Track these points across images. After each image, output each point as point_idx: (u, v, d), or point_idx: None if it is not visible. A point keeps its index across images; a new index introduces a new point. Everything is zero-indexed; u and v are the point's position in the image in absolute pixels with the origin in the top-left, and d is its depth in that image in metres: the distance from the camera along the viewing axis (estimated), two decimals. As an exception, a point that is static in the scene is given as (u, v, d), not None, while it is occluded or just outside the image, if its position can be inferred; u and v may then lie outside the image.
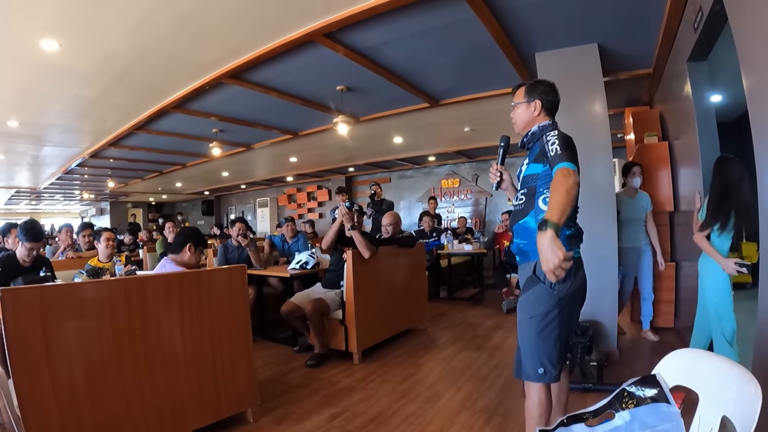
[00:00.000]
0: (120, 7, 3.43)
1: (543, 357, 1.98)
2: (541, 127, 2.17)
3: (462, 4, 3.38)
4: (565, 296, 1.98)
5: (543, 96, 2.19)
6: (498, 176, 2.36)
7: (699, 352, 1.46)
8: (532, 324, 2.00)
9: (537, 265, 1.99)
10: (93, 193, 15.52)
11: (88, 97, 5.42)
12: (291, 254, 5.94)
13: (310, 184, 15.19)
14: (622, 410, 1.39)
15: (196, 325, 2.78)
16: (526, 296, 2.05)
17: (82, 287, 2.43)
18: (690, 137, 3.90)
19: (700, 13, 3.00)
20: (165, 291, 2.66)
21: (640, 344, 4.52)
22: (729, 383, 1.28)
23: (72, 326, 2.28)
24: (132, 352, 2.48)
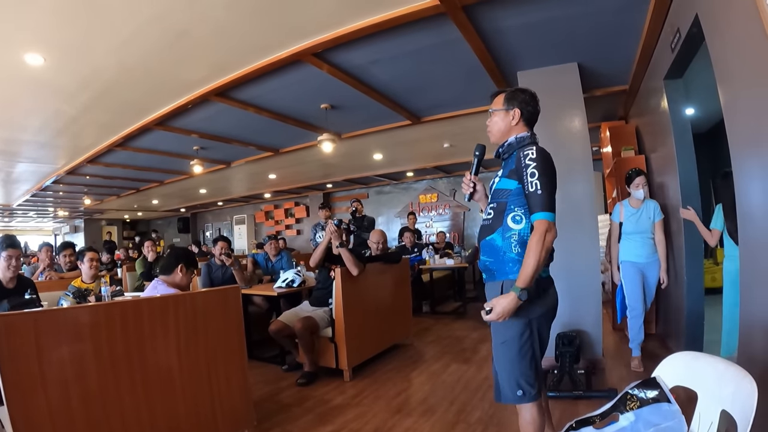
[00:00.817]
0: (109, 23, 3.43)
1: (520, 379, 1.93)
2: (519, 138, 2.07)
3: (449, 25, 3.49)
4: (536, 317, 1.94)
5: (523, 105, 2.10)
6: (471, 187, 2.24)
7: (694, 354, 1.55)
8: (506, 348, 1.96)
9: (503, 286, 1.96)
10: (67, 211, 15.21)
11: (69, 113, 5.36)
12: (275, 272, 5.95)
13: (287, 200, 15.15)
14: (627, 412, 1.47)
15: (192, 348, 2.77)
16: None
17: (77, 312, 2.42)
18: (667, 150, 4.07)
19: (677, 34, 3.16)
20: (161, 314, 2.65)
21: (624, 351, 4.62)
22: (725, 381, 1.38)
23: (67, 351, 2.25)
24: (129, 376, 2.46)
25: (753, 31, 1.91)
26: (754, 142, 2.22)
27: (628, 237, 4.16)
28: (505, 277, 1.96)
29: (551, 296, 2.02)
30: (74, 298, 3.85)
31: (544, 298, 1.96)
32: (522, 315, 1.90)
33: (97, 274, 4.38)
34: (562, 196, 4.13)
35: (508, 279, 1.95)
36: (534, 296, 1.88)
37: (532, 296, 1.86)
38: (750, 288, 2.42)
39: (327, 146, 6.03)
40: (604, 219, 6.73)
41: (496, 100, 2.17)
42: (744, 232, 2.44)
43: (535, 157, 1.92)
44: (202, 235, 18.10)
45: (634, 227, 4.11)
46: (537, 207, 1.86)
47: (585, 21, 3.64)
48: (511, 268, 1.94)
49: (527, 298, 1.83)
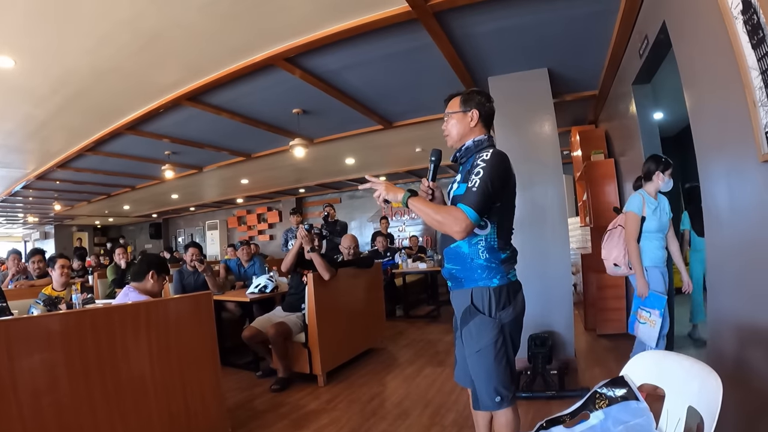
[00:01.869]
0: (80, 26, 3.38)
1: (498, 386, 1.90)
2: (477, 141, 2.03)
3: (421, 31, 3.52)
4: (508, 322, 1.90)
5: (480, 106, 2.04)
6: (429, 194, 2.13)
7: (662, 353, 1.59)
8: (481, 357, 1.92)
9: (473, 294, 1.93)
10: (38, 216, 14.89)
11: (39, 117, 5.26)
12: (247, 278, 5.90)
13: (260, 205, 15.08)
14: (596, 410, 1.49)
15: (164, 355, 2.73)
16: (468, 329, 1.94)
17: (48, 320, 2.37)
18: (635, 153, 4.16)
19: (645, 40, 3.24)
20: (132, 321, 2.61)
21: (596, 351, 4.70)
22: (691, 377, 1.42)
23: (39, 360, 2.20)
24: (101, 384, 2.41)
25: (718, 38, 1.97)
26: (718, 145, 2.29)
27: (650, 236, 3.34)
28: (474, 284, 1.94)
29: (520, 301, 1.97)
30: (45, 306, 3.75)
31: (514, 303, 1.92)
32: (494, 322, 1.89)
33: (68, 281, 4.28)
34: (533, 200, 4.24)
35: (477, 286, 1.93)
36: (504, 302, 1.89)
37: (502, 302, 1.89)
38: (717, 287, 2.49)
39: (299, 151, 6.01)
40: (575, 222, 6.86)
41: (452, 102, 2.12)
42: (710, 233, 2.51)
43: (488, 158, 1.85)
44: (174, 241, 17.86)
45: (657, 224, 3.32)
46: (466, 199, 1.77)
47: (555, 28, 3.71)
48: (480, 275, 1.92)
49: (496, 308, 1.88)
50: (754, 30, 1.66)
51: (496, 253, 1.92)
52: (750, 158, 1.85)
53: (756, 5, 1.61)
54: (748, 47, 1.71)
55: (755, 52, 1.67)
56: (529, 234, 4.23)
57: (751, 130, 1.77)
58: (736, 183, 2.12)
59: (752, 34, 1.68)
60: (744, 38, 1.73)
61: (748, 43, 1.71)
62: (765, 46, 1.60)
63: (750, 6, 1.66)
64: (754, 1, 1.62)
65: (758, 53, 1.66)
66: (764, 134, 1.69)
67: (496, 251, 1.92)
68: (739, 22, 1.75)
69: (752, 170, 1.87)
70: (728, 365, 2.30)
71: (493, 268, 1.91)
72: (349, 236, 5.30)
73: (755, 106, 1.72)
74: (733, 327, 2.25)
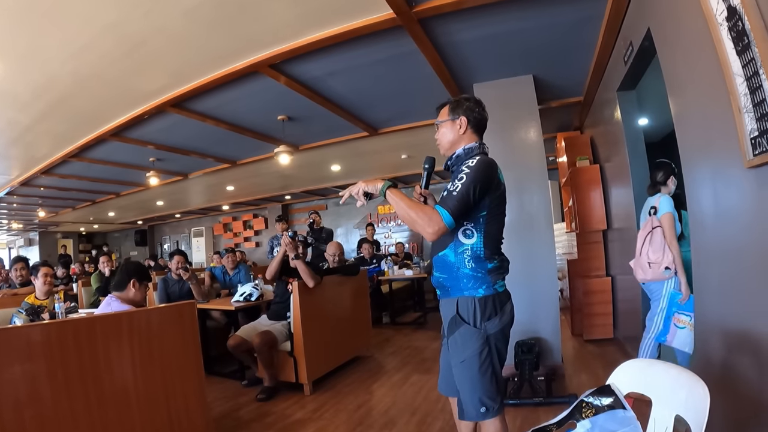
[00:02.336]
0: (64, 33, 3.34)
1: (483, 396, 1.88)
2: (467, 149, 2.01)
3: (406, 38, 3.51)
4: (493, 333, 1.88)
5: (469, 112, 2.04)
6: (422, 201, 2.12)
7: (648, 361, 1.58)
8: (465, 367, 1.90)
9: (459, 303, 1.92)
10: (22, 223, 14.68)
11: (23, 123, 5.18)
12: (233, 286, 5.87)
13: (246, 212, 14.97)
14: (582, 419, 1.48)
15: (147, 365, 2.68)
16: (454, 339, 1.93)
17: (29, 330, 2.31)
18: (620, 159, 4.18)
19: (630, 47, 3.26)
20: (115, 331, 2.55)
21: (583, 357, 4.70)
22: (679, 386, 1.41)
23: (20, 371, 2.14)
24: (84, 395, 2.35)
25: (703, 45, 1.98)
26: (703, 151, 2.30)
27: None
28: (460, 293, 1.92)
29: (507, 312, 1.94)
30: (27, 316, 3.70)
31: (501, 314, 1.90)
32: (480, 332, 1.87)
33: (51, 290, 4.23)
34: (519, 206, 4.24)
35: (463, 296, 1.91)
36: (490, 312, 1.88)
37: (487, 313, 1.87)
38: (703, 293, 2.50)
39: (284, 158, 5.97)
40: (560, 227, 6.89)
41: (442, 111, 2.13)
42: (696, 238, 2.52)
43: (473, 165, 1.85)
44: (160, 248, 17.69)
45: (679, 227, 3.28)
46: (444, 202, 1.80)
47: (540, 35, 3.72)
48: (466, 284, 1.90)
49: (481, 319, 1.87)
50: (738, 37, 1.66)
51: (483, 262, 1.89)
52: (735, 164, 1.85)
53: (741, 12, 1.61)
54: (733, 54, 1.71)
55: (740, 58, 1.67)
56: (515, 240, 4.20)
57: (736, 136, 1.77)
58: (722, 189, 2.13)
59: (737, 41, 1.67)
60: (729, 45, 1.73)
61: (732, 50, 1.71)
62: (750, 52, 1.60)
63: (735, 13, 1.66)
64: (739, 8, 1.62)
65: (743, 60, 1.65)
66: (749, 140, 1.69)
67: (483, 261, 1.89)
68: (723, 28, 1.75)
69: (737, 176, 1.88)
70: (714, 371, 2.30)
71: (479, 278, 1.89)
72: (334, 243, 5.28)
73: (740, 113, 1.72)
74: (719, 333, 2.26)
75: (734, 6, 1.66)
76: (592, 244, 5.36)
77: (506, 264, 1.99)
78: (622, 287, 4.83)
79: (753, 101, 1.63)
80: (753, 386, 1.94)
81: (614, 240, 5.02)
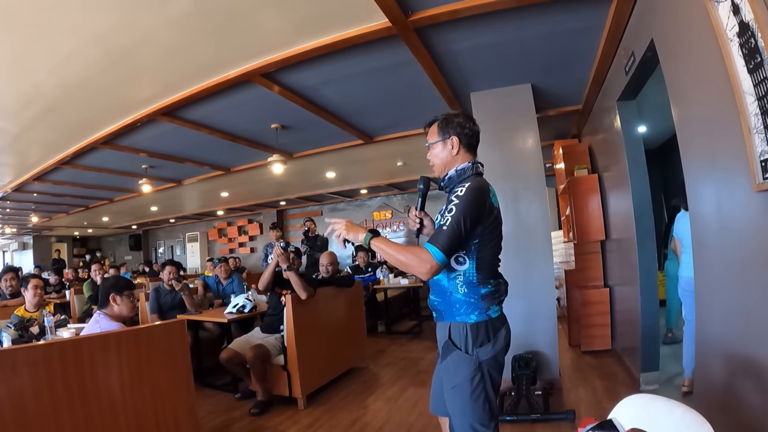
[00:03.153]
0: (49, 42, 3.29)
1: (475, 423, 1.83)
2: (459, 171, 1.94)
3: (402, 47, 3.44)
4: (487, 360, 1.83)
5: (459, 130, 1.95)
6: (417, 223, 2.08)
7: (651, 397, 1.51)
8: (456, 393, 1.86)
9: (451, 328, 1.88)
10: (15, 227, 14.66)
11: (12, 132, 5.13)
12: (226, 296, 5.83)
13: (241, 218, 14.97)
14: (585, 457, 1.41)
15: (136, 386, 2.63)
16: (446, 364, 1.89)
17: (15, 352, 2.27)
18: (620, 169, 4.12)
19: (632, 58, 3.21)
20: (102, 352, 2.50)
21: (581, 369, 4.64)
22: (683, 427, 1.34)
23: (5, 393, 2.10)
24: (71, 417, 2.31)
25: (710, 60, 1.92)
26: (708, 165, 2.25)
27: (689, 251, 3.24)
28: (452, 318, 1.88)
29: (501, 338, 1.88)
30: (16, 330, 3.62)
31: (494, 340, 1.85)
32: (471, 359, 1.82)
33: (41, 302, 4.14)
34: (516, 216, 4.18)
35: (455, 321, 1.87)
36: (483, 339, 1.83)
37: (479, 339, 1.82)
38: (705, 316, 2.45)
39: (277, 168, 5.91)
40: (557, 235, 6.84)
41: (431, 131, 2.04)
42: (698, 247, 2.46)
43: (462, 195, 1.78)
44: (154, 253, 17.66)
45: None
46: (434, 239, 1.74)
47: (539, 44, 3.66)
48: (458, 310, 1.86)
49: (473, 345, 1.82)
50: (750, 54, 1.58)
51: (476, 287, 1.85)
52: (743, 186, 1.79)
53: (754, 28, 1.54)
54: (744, 71, 1.64)
55: (752, 76, 1.60)
56: (511, 251, 4.14)
57: (745, 157, 1.71)
58: (728, 210, 2.07)
59: (749, 59, 1.60)
60: (740, 62, 1.66)
61: (743, 67, 1.64)
62: (762, 71, 1.53)
63: (747, 29, 1.58)
64: (752, 24, 1.55)
65: (755, 78, 1.58)
66: (759, 163, 1.62)
67: (476, 286, 1.85)
68: (734, 44, 1.68)
69: (745, 199, 1.82)
70: (716, 395, 2.24)
71: (472, 304, 1.84)
72: (327, 253, 5.20)
73: (750, 134, 1.65)
74: (721, 356, 2.21)
75: (747, 22, 1.58)
76: (590, 254, 5.31)
77: (503, 287, 1.94)
78: (620, 298, 4.77)
79: (765, 123, 1.57)
80: (756, 412, 1.89)
81: (612, 250, 4.96)
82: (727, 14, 1.71)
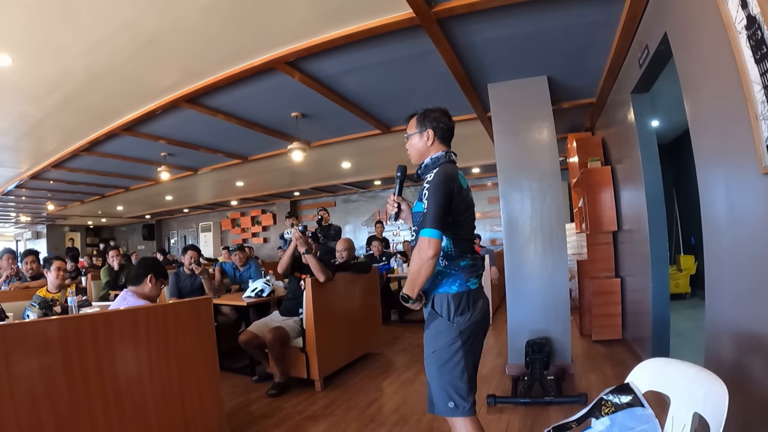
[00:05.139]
0: (80, 27, 3.37)
1: (450, 390, 1.94)
2: (434, 159, 2.12)
3: (423, 37, 3.52)
4: (466, 329, 1.96)
5: (435, 123, 2.14)
6: (395, 207, 2.26)
7: (666, 361, 1.61)
8: (435, 358, 1.98)
9: (434, 299, 2.02)
10: (30, 216, 14.80)
11: (34, 117, 5.22)
12: (243, 282, 5.92)
13: (254, 208, 15.06)
14: (602, 417, 1.51)
15: (163, 361, 2.70)
16: (429, 331, 2.03)
17: (46, 325, 2.32)
18: (633, 161, 4.20)
19: (646, 51, 3.28)
20: (132, 326, 2.57)
21: (592, 357, 4.72)
22: (697, 385, 1.44)
23: (38, 366, 2.15)
24: (101, 391, 2.36)
25: (721, 51, 2.00)
26: (719, 156, 2.33)
27: None
28: (435, 291, 2.03)
29: (479, 309, 2.03)
30: (40, 309, 3.73)
31: (473, 309, 2.00)
32: (452, 326, 1.96)
33: (63, 283, 4.26)
34: (531, 207, 4.26)
35: (438, 293, 2.02)
36: (463, 308, 1.98)
37: (460, 308, 1.97)
38: (715, 296, 2.52)
39: (297, 155, 6.02)
40: (570, 227, 6.91)
41: (410, 123, 2.23)
42: (709, 241, 2.54)
43: (431, 179, 1.99)
44: (167, 243, 17.78)
45: None
46: (423, 224, 1.91)
47: (556, 37, 3.74)
48: (441, 281, 2.01)
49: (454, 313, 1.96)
50: (757, 45, 1.69)
51: (455, 260, 2.01)
52: (750, 170, 1.88)
53: (761, 21, 1.64)
54: (751, 61, 1.74)
55: (758, 66, 1.70)
56: (527, 240, 4.26)
57: (753, 142, 1.80)
58: (736, 194, 2.15)
59: (756, 49, 1.70)
60: (747, 53, 1.76)
61: (751, 58, 1.74)
62: (768, 61, 1.63)
63: (754, 22, 1.68)
64: (759, 18, 1.65)
65: (761, 68, 1.68)
66: (765, 147, 1.72)
67: (455, 259, 2.01)
68: (742, 36, 1.78)
69: (752, 182, 1.91)
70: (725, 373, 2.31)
71: (453, 275, 2.00)
72: (343, 240, 5.29)
73: (757, 120, 1.75)
74: (730, 335, 2.28)
75: (754, 15, 1.69)
76: (602, 245, 5.38)
77: (480, 262, 2.12)
78: (631, 288, 4.85)
79: (770, 109, 1.66)
80: (764, 388, 1.96)
81: (624, 241, 5.03)
82: (736, 8, 1.81)
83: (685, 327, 5.18)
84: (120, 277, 6.75)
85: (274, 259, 11.03)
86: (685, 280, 7.21)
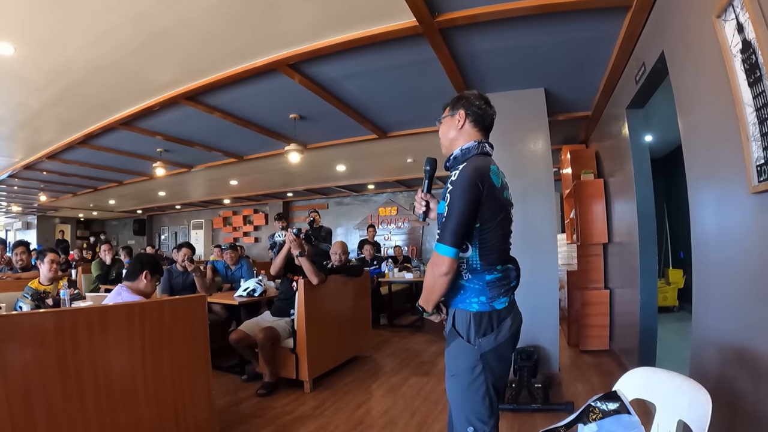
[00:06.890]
0: (86, 19, 3.37)
1: (471, 416, 1.76)
2: (464, 150, 1.84)
3: (425, 45, 3.59)
4: (489, 350, 1.75)
5: (467, 105, 1.87)
6: (423, 205, 2.00)
7: (653, 370, 1.66)
8: (455, 382, 1.80)
9: (455, 315, 1.81)
10: (21, 206, 14.69)
11: (33, 107, 5.21)
12: (234, 280, 5.93)
13: (246, 207, 15.07)
14: (589, 422, 1.55)
15: (157, 357, 2.70)
16: (449, 350, 1.83)
17: (42, 317, 2.32)
18: (625, 175, 4.27)
19: (643, 68, 3.35)
20: (126, 321, 2.56)
21: (579, 366, 4.77)
22: (682, 393, 1.51)
23: (32, 358, 2.15)
24: (93, 385, 2.36)
25: (716, 72, 2.07)
26: (709, 171, 2.40)
27: None
28: (456, 305, 1.83)
29: (506, 328, 1.78)
30: (33, 301, 3.72)
31: (497, 331, 1.76)
32: (473, 348, 1.75)
33: (56, 276, 4.24)
34: (524, 217, 4.32)
35: (459, 308, 1.81)
36: (486, 329, 1.76)
37: (482, 329, 1.76)
38: (702, 310, 2.58)
39: (294, 156, 6.05)
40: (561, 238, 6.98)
41: (446, 110, 1.97)
42: (698, 256, 2.60)
43: (455, 179, 1.71)
44: (158, 238, 17.71)
45: None
46: (440, 235, 1.71)
47: (555, 50, 3.81)
48: (462, 296, 1.80)
49: (475, 334, 1.76)
50: (751, 69, 1.75)
51: (480, 274, 1.78)
52: (740, 188, 1.94)
53: (755, 46, 1.71)
54: (745, 84, 1.81)
55: (751, 89, 1.77)
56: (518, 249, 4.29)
57: (743, 162, 1.87)
58: (726, 211, 2.22)
59: (749, 73, 1.77)
60: (741, 75, 1.83)
61: (744, 81, 1.81)
62: (761, 85, 1.69)
63: (749, 46, 1.75)
64: (754, 43, 1.72)
65: (754, 91, 1.75)
66: (755, 167, 1.79)
67: (480, 272, 1.78)
68: (737, 60, 1.85)
69: (741, 200, 1.97)
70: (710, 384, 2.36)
71: (477, 290, 1.78)
72: (338, 242, 5.33)
73: (748, 140, 1.82)
74: (716, 348, 2.34)
75: (749, 40, 1.76)
76: (592, 256, 5.45)
77: (513, 273, 1.88)
78: (620, 300, 4.91)
79: (761, 131, 1.73)
80: (748, 399, 2.01)
81: (614, 253, 5.10)
82: (733, 32, 1.88)
83: (672, 339, 5.24)
84: (111, 271, 6.73)
85: (265, 258, 11.03)
86: (673, 294, 7.30)
